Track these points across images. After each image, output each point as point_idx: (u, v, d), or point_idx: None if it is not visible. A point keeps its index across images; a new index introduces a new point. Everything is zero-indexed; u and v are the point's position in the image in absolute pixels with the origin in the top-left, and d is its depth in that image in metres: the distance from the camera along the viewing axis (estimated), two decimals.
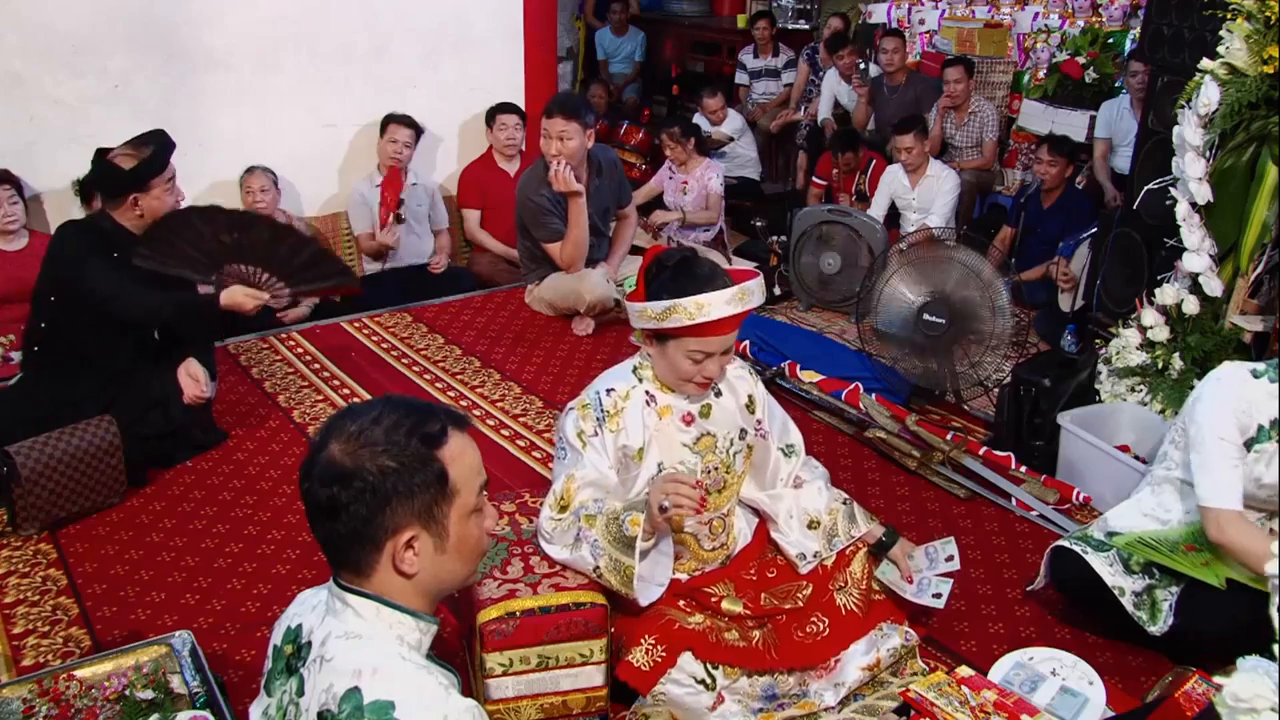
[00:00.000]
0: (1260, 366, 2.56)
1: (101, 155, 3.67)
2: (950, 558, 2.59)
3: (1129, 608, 2.56)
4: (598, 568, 2.26)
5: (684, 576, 2.53)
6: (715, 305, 2.25)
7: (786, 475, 2.64)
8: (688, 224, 5.87)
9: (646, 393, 2.43)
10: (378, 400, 1.49)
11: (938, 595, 2.51)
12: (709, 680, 2.33)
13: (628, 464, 2.40)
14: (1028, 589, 2.89)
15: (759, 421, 2.58)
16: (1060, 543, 2.73)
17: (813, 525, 2.59)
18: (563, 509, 2.33)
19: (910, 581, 2.55)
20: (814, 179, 6.62)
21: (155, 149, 3.37)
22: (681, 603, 2.48)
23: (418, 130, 5.27)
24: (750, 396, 2.56)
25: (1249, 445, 2.51)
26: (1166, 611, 2.55)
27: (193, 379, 3.48)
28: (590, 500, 2.32)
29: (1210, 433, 2.50)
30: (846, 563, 2.57)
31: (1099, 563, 2.60)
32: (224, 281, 3.42)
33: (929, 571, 2.57)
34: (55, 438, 3.11)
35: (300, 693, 1.46)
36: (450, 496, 1.46)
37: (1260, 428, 2.50)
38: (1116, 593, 2.56)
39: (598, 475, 2.36)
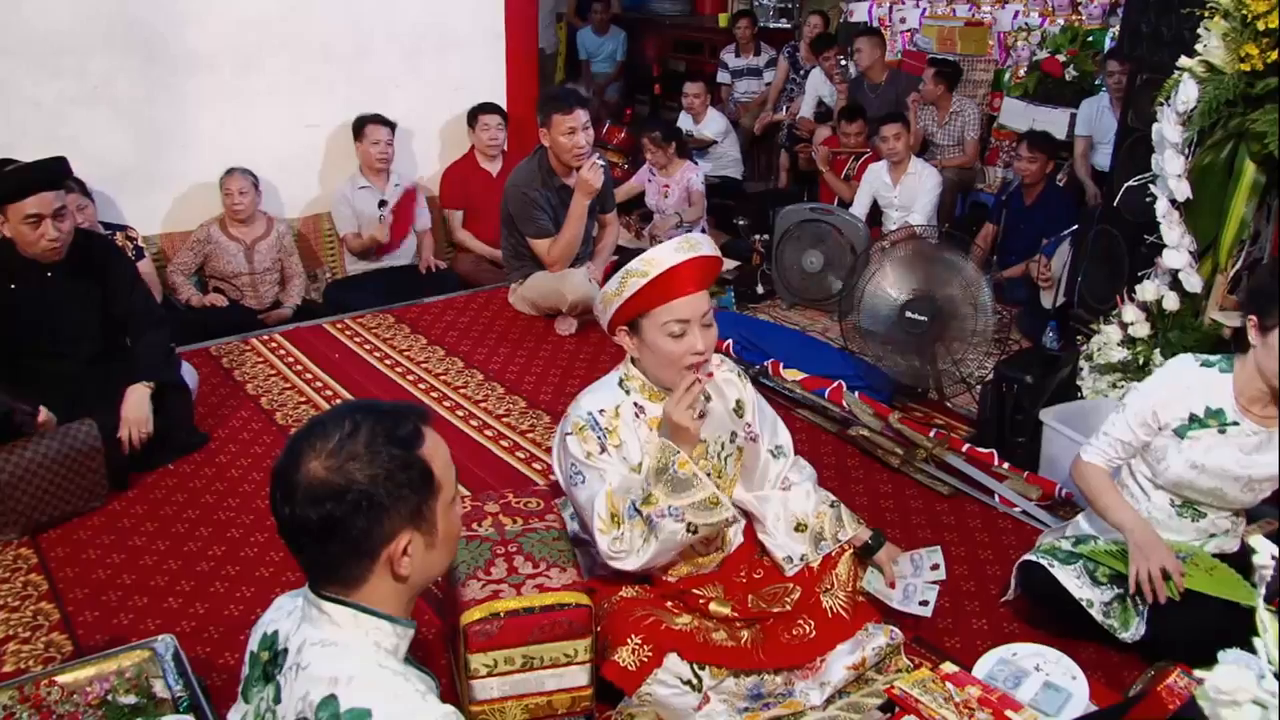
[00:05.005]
0: (1214, 357, 2.59)
1: None
2: (935, 566, 2.59)
3: (1098, 618, 2.57)
4: (690, 524, 2.24)
5: (675, 580, 2.53)
6: (663, 254, 2.27)
7: (774, 477, 2.63)
8: (683, 223, 5.91)
9: (635, 404, 2.42)
10: (342, 410, 1.48)
11: (924, 603, 2.51)
12: (695, 681, 2.33)
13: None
14: (1001, 600, 2.88)
15: (748, 425, 2.58)
16: (1028, 557, 2.73)
17: (799, 528, 2.59)
18: (617, 524, 2.31)
19: (893, 587, 2.56)
20: (820, 144, 6.62)
21: (9, 171, 3.20)
22: (669, 604, 2.48)
23: (393, 128, 5.27)
24: (739, 401, 2.56)
25: (1180, 433, 2.54)
26: (1138, 620, 2.56)
27: (127, 422, 3.33)
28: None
29: (1129, 414, 2.60)
30: (833, 565, 2.57)
31: (1065, 576, 2.61)
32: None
33: (914, 578, 2.58)
34: (35, 441, 3.08)
35: (277, 700, 1.45)
36: (436, 492, 1.47)
37: (1193, 415, 2.53)
38: (1085, 604, 2.57)
39: (625, 481, 2.35)
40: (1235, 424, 2.50)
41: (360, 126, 5.21)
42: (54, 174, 3.29)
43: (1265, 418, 2.50)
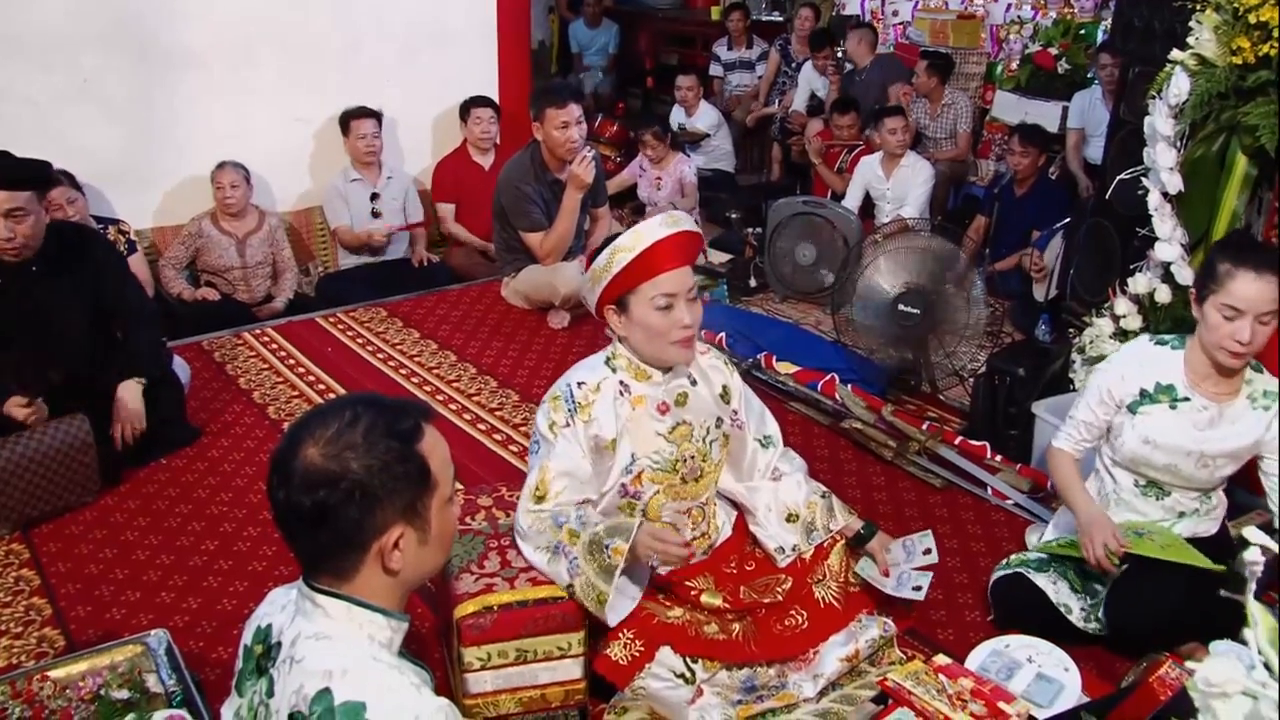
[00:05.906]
0: (1169, 336, 2.66)
1: None
2: (928, 550, 2.59)
3: (1079, 624, 2.59)
4: (570, 586, 2.26)
5: (664, 570, 2.52)
6: (649, 229, 2.32)
7: (764, 467, 2.64)
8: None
9: (620, 383, 2.42)
10: (344, 401, 1.48)
11: (917, 588, 2.51)
12: (688, 674, 2.33)
13: (601, 454, 2.39)
14: (989, 619, 2.85)
15: (734, 412, 2.58)
16: (999, 573, 2.74)
17: (791, 518, 2.59)
18: (539, 499, 2.33)
19: (887, 575, 2.56)
20: (813, 136, 6.62)
21: None
22: (661, 596, 2.48)
23: (379, 118, 5.25)
24: (725, 386, 2.56)
25: (1133, 409, 2.59)
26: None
27: (120, 417, 3.34)
28: (566, 490, 2.33)
29: (1088, 395, 2.69)
30: (824, 555, 2.58)
31: (1044, 582, 2.64)
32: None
33: (906, 565, 2.58)
34: (27, 435, 3.08)
35: (270, 693, 1.45)
36: (431, 489, 1.46)
37: (1144, 391, 2.58)
38: (1063, 610, 2.60)
39: (571, 464, 2.35)
40: (1186, 399, 2.55)
41: (346, 122, 5.20)
42: (15, 173, 3.18)
43: (1216, 393, 2.55)
